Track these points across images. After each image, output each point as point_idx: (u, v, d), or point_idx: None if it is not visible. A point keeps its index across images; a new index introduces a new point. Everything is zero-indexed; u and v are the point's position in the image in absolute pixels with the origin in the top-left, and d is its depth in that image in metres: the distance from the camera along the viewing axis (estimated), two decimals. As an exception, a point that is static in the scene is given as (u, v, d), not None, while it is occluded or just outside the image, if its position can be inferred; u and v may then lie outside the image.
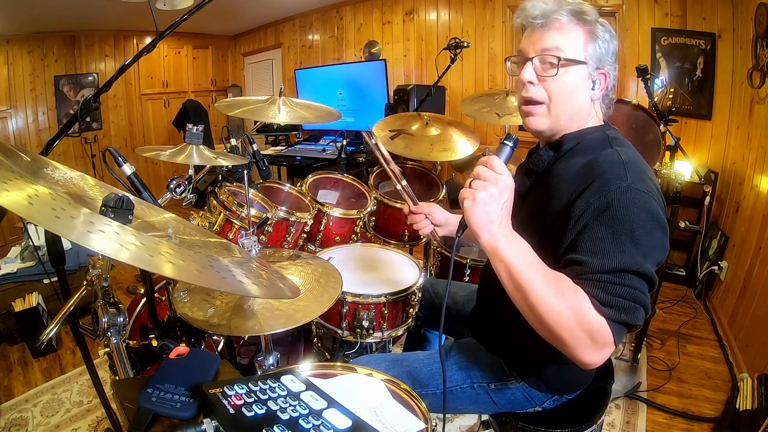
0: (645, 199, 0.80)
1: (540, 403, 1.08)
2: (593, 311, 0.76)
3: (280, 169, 4.23)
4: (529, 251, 0.82)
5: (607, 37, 0.92)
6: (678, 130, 2.88)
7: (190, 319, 1.05)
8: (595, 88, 0.93)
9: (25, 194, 0.54)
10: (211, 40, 5.79)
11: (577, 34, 0.90)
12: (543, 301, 0.78)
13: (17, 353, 2.48)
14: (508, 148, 0.88)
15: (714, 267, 2.76)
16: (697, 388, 2.12)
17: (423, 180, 2.29)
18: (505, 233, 0.82)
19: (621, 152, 0.87)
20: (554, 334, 0.78)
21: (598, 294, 0.77)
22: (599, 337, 0.77)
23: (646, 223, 0.79)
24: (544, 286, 0.78)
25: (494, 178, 0.81)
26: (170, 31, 1.27)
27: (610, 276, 0.77)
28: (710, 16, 2.91)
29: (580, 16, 0.90)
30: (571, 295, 0.77)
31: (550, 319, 0.77)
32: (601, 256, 0.78)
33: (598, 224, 0.80)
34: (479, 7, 3.86)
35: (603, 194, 0.80)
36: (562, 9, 0.90)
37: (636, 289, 0.78)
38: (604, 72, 0.93)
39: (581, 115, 0.96)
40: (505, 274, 0.82)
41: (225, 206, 1.61)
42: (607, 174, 0.82)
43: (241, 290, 0.68)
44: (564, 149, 0.96)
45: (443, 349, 1.19)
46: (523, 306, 0.81)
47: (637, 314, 0.78)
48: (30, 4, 3.65)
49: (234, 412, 0.63)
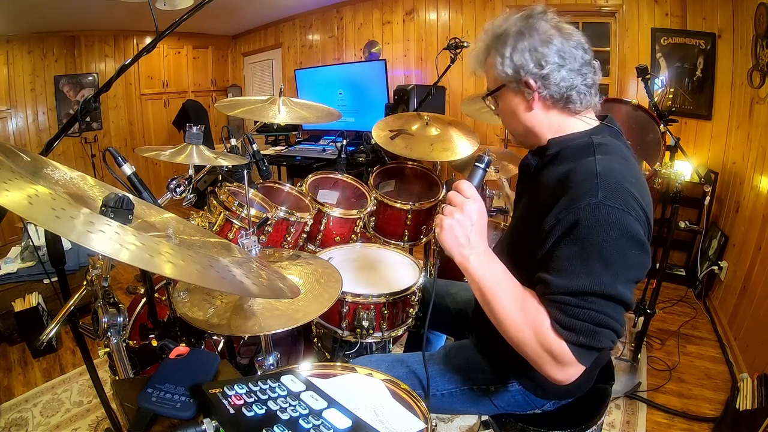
0: (617, 215, 0.75)
1: (540, 406, 1.08)
2: (551, 333, 0.78)
3: (280, 169, 4.23)
4: (501, 271, 0.85)
5: (525, 44, 0.87)
6: (678, 130, 2.89)
7: (190, 319, 1.05)
8: (529, 98, 0.90)
9: (25, 194, 0.54)
10: (211, 40, 5.79)
11: (491, 63, 0.92)
12: (508, 319, 0.82)
13: (17, 353, 2.48)
14: (480, 171, 0.92)
15: (714, 267, 2.76)
16: (697, 388, 2.12)
17: (423, 180, 2.29)
18: (478, 253, 0.85)
19: (600, 162, 0.82)
20: (520, 350, 0.83)
21: (558, 316, 0.78)
22: (559, 358, 0.78)
23: (618, 241, 0.75)
24: (511, 304, 0.82)
25: (461, 204, 0.85)
26: (170, 31, 1.27)
27: (571, 298, 0.76)
28: (710, 16, 2.91)
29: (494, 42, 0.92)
30: (533, 315, 0.80)
31: (513, 336, 0.82)
32: (566, 276, 0.77)
33: (566, 243, 0.78)
34: (479, 7, 3.86)
35: (572, 211, 0.77)
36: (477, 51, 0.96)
37: (600, 312, 0.76)
38: (525, 80, 0.88)
39: (537, 125, 0.94)
40: (477, 291, 0.86)
41: (225, 206, 1.61)
42: (578, 188, 0.79)
43: (241, 290, 0.68)
44: (548, 155, 0.94)
45: (443, 349, 1.19)
46: (493, 321, 0.85)
47: (599, 337, 0.76)
48: (30, 4, 3.64)
49: (234, 412, 0.63)
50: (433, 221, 2.09)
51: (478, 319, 1.21)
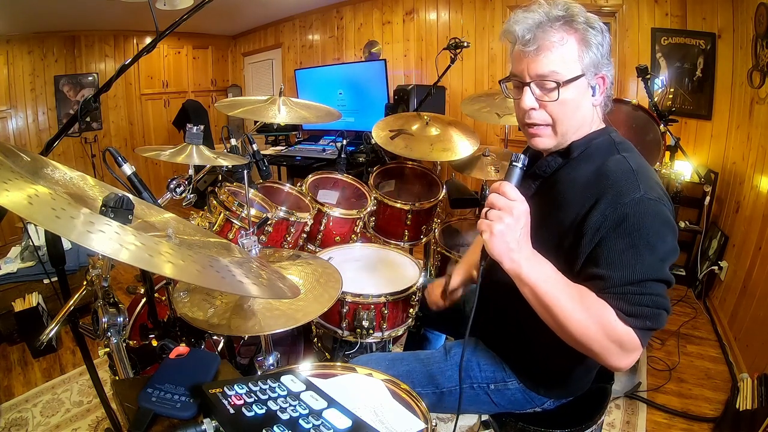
0: (657, 207, 0.81)
1: (540, 404, 1.08)
2: (619, 323, 0.80)
3: (280, 169, 4.23)
4: (552, 271, 0.84)
5: (599, 39, 0.88)
6: (678, 130, 2.88)
7: (190, 319, 1.05)
8: (596, 94, 0.92)
9: (25, 194, 0.54)
10: (211, 40, 5.79)
11: (571, 48, 0.87)
12: (571, 318, 0.81)
13: (17, 353, 2.48)
14: (518, 170, 0.86)
15: (714, 267, 2.76)
16: (697, 388, 2.11)
17: (423, 180, 2.29)
18: (527, 257, 0.82)
19: (629, 159, 0.87)
20: (584, 347, 0.83)
21: (623, 306, 0.80)
22: (627, 345, 0.81)
23: (660, 230, 0.81)
24: (570, 303, 0.81)
25: (508, 207, 0.81)
26: (170, 31, 1.27)
27: (632, 287, 0.80)
28: (710, 16, 2.91)
29: (571, 23, 0.86)
30: (597, 309, 0.80)
31: (579, 334, 0.81)
32: (622, 268, 0.80)
33: (616, 237, 0.81)
34: (479, 7, 3.86)
35: (618, 207, 0.81)
36: (550, 21, 0.86)
37: (657, 295, 0.81)
38: (602, 75, 0.91)
39: (586, 122, 0.95)
40: (532, 296, 0.84)
41: (225, 206, 1.61)
42: (620, 185, 0.83)
43: (241, 290, 0.68)
44: (571, 156, 0.95)
45: (443, 348, 1.19)
46: (552, 323, 0.84)
47: (660, 318, 0.81)
48: (30, 4, 3.64)
49: (234, 412, 0.63)
50: (432, 221, 2.09)
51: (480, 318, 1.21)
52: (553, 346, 0.90)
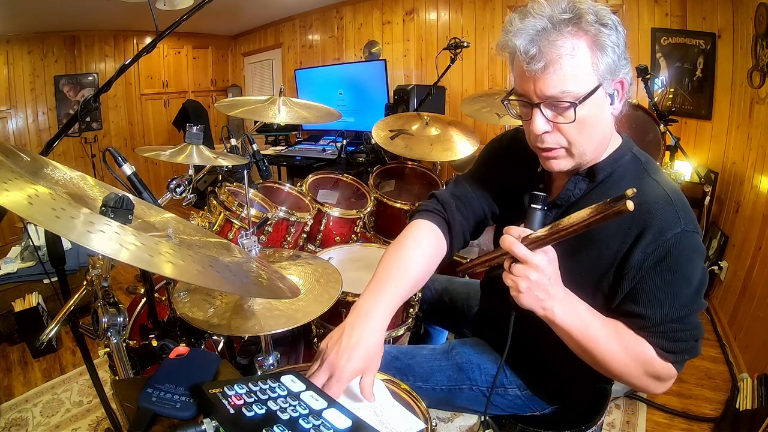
0: (695, 240, 0.79)
1: (540, 409, 1.08)
2: (658, 360, 0.80)
3: (280, 169, 4.23)
4: (587, 312, 0.81)
5: (613, 39, 0.75)
6: (678, 130, 2.88)
7: (190, 319, 1.05)
8: (615, 102, 0.81)
9: (25, 194, 0.54)
10: (211, 40, 5.79)
11: (583, 57, 0.74)
12: (610, 360, 0.80)
13: (17, 353, 2.48)
14: (539, 213, 0.79)
15: (714, 267, 2.76)
16: (697, 388, 2.11)
17: (423, 180, 2.29)
18: (560, 301, 0.78)
19: (664, 186, 0.81)
20: (622, 380, 0.84)
21: (663, 344, 0.80)
22: (665, 377, 0.82)
23: (697, 262, 0.79)
24: (608, 344, 0.80)
25: (530, 259, 0.74)
26: (170, 31, 1.27)
27: (672, 325, 0.79)
28: (710, 16, 2.91)
29: (579, 24, 0.74)
30: (635, 348, 0.80)
31: (617, 372, 0.81)
32: (661, 307, 0.79)
33: (655, 274, 0.78)
34: (479, 7, 3.86)
35: (661, 244, 0.77)
36: (555, 27, 0.73)
37: (695, 327, 0.81)
38: (620, 80, 0.80)
39: (606, 138, 0.85)
40: (568, 338, 0.82)
41: (225, 206, 1.61)
42: (662, 220, 0.77)
43: (241, 290, 0.68)
44: (597, 180, 0.87)
45: (447, 344, 1.18)
46: (589, 361, 0.84)
47: (697, 348, 0.82)
48: (30, 4, 3.64)
49: (234, 412, 0.63)
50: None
51: (483, 321, 1.21)
52: (557, 358, 0.89)
